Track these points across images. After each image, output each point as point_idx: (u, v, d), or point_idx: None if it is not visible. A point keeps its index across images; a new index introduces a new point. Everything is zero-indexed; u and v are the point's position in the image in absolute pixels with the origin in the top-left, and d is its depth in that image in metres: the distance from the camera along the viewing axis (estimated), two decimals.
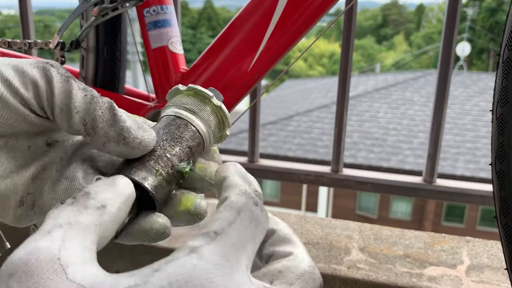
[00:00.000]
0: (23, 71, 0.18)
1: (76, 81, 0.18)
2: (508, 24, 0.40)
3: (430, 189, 0.67)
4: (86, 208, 0.15)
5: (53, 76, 0.18)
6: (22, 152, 0.19)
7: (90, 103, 0.18)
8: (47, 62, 0.18)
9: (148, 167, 0.19)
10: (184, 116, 0.21)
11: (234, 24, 0.48)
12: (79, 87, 0.18)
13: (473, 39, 15.66)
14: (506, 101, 0.41)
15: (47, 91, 0.18)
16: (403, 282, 0.58)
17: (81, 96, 0.18)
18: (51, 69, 0.18)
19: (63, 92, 0.18)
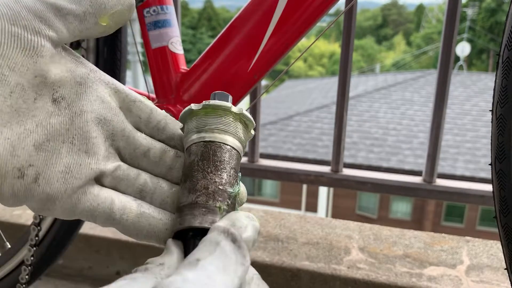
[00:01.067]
0: None
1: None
2: (508, 24, 0.40)
3: (430, 189, 0.67)
4: (163, 270, 0.17)
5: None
6: (27, 105, 0.17)
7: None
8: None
9: (210, 208, 0.18)
10: (215, 139, 0.20)
11: (234, 24, 0.48)
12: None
13: (473, 39, 15.66)
14: (506, 101, 0.41)
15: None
16: (403, 282, 0.58)
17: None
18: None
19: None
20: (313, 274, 0.60)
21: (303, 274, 0.61)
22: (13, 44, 0.17)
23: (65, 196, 0.18)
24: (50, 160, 0.18)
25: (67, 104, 0.19)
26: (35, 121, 0.18)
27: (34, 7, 0.17)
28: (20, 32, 0.17)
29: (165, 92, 0.52)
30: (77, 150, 0.19)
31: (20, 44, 0.17)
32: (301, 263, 0.62)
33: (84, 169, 0.19)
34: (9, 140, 0.17)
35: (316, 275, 0.60)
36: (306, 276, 0.61)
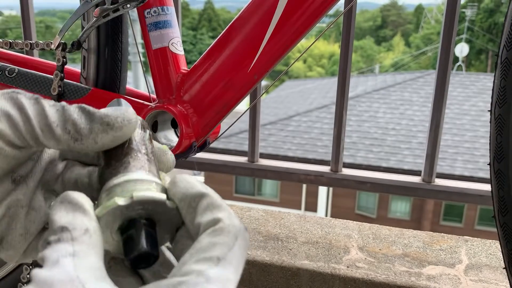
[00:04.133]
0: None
1: (43, 100, 0.19)
2: (506, 25, 0.41)
3: (429, 188, 0.68)
4: (74, 239, 0.16)
5: (23, 102, 0.18)
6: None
7: (63, 113, 0.18)
8: (13, 91, 0.19)
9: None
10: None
11: (235, 25, 0.48)
12: (49, 104, 0.19)
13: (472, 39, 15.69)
14: (504, 102, 0.41)
15: (22, 118, 0.18)
16: (402, 281, 0.58)
17: (54, 111, 0.18)
18: (18, 95, 0.18)
19: (38, 114, 0.18)
20: (313, 273, 0.60)
21: (302, 273, 0.61)
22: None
23: (23, 252, 0.21)
24: (11, 225, 0.20)
25: (23, 178, 0.20)
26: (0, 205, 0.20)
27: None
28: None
29: (165, 92, 0.52)
30: (34, 213, 0.20)
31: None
32: (300, 262, 0.62)
33: (38, 224, 0.21)
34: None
35: (316, 274, 0.60)
36: (306, 275, 0.61)
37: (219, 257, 0.15)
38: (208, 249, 0.16)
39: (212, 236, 0.16)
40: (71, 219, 0.16)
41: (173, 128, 0.53)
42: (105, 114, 0.19)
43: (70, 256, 0.15)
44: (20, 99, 0.18)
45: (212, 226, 0.16)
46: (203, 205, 0.17)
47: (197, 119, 0.51)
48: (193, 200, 0.18)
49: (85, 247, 0.16)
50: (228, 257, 0.16)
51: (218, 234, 0.16)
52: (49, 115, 0.18)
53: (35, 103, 0.18)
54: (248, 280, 0.63)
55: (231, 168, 0.76)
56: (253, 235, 0.69)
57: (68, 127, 0.18)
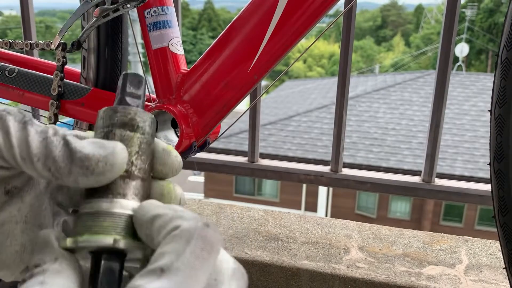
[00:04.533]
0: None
1: (33, 124, 0.18)
2: (506, 25, 0.41)
3: (428, 188, 0.68)
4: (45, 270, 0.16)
5: (10, 126, 0.17)
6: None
7: (46, 146, 0.17)
8: (4, 110, 0.18)
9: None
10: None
11: (235, 25, 0.48)
12: (36, 131, 0.17)
13: (472, 39, 15.69)
14: (505, 102, 0.41)
15: (5, 142, 0.17)
16: (402, 281, 0.58)
17: (38, 141, 0.17)
18: (7, 117, 0.17)
19: (21, 142, 0.17)
20: (313, 273, 0.60)
21: (302, 273, 0.61)
22: None
23: (20, 271, 0.20)
24: (5, 242, 0.19)
25: (18, 190, 0.19)
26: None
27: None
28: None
29: (165, 92, 0.52)
30: (31, 227, 0.20)
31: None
32: (300, 262, 0.62)
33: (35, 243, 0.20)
34: None
35: (316, 274, 0.60)
36: (306, 275, 0.61)
37: (162, 268, 0.14)
38: (154, 261, 0.15)
39: (162, 246, 0.15)
40: (42, 255, 0.16)
41: (173, 128, 0.53)
42: (86, 156, 0.17)
43: (39, 285, 0.15)
44: (7, 122, 0.17)
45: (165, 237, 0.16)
46: (157, 225, 0.16)
47: (197, 119, 0.51)
48: (150, 226, 0.16)
49: (54, 273, 0.16)
50: (175, 266, 0.14)
51: (168, 243, 0.15)
52: (32, 146, 0.17)
53: (22, 129, 0.17)
54: (248, 280, 0.63)
55: (231, 168, 0.76)
56: (253, 235, 0.69)
57: (48, 164, 0.17)
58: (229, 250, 0.65)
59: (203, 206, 0.78)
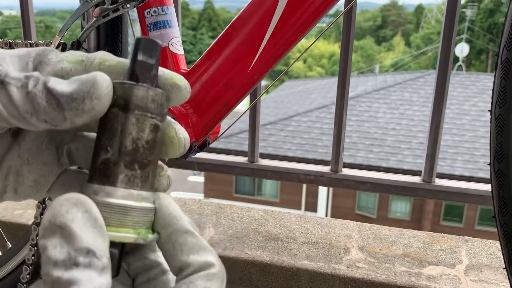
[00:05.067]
0: None
1: (10, 82, 0.17)
2: (506, 25, 0.41)
3: (429, 188, 0.68)
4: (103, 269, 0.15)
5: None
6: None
7: (32, 100, 0.17)
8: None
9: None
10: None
11: (235, 25, 0.48)
12: (16, 87, 0.17)
13: (472, 39, 15.69)
14: (505, 101, 0.41)
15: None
16: (402, 282, 0.58)
17: (23, 97, 0.17)
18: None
19: (7, 104, 0.17)
20: (313, 273, 0.60)
21: (302, 273, 0.61)
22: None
23: (38, 196, 0.21)
24: (17, 180, 0.20)
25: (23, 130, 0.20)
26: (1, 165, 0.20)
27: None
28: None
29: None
30: (36, 167, 0.20)
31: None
32: (300, 262, 0.62)
33: (50, 176, 0.21)
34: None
35: (316, 274, 0.60)
36: (306, 275, 0.61)
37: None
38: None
39: (206, 280, 0.17)
40: (95, 242, 0.15)
41: None
42: (70, 96, 0.16)
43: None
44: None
45: (206, 270, 0.17)
46: (189, 244, 0.17)
47: (197, 119, 0.51)
48: (176, 234, 0.17)
49: (107, 279, 0.15)
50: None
51: (210, 279, 0.17)
52: (18, 105, 0.16)
53: (2, 89, 0.16)
54: (248, 280, 0.63)
55: (231, 168, 0.76)
56: (253, 235, 0.69)
57: (42, 116, 0.17)
58: (229, 250, 0.65)
59: (203, 206, 0.78)
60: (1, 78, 0.17)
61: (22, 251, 0.56)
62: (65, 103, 0.16)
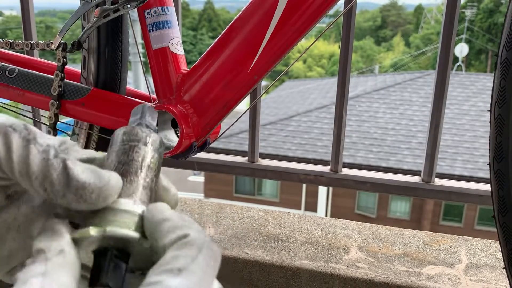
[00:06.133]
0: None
1: (36, 144, 0.18)
2: (506, 25, 0.41)
3: (428, 188, 0.68)
4: (48, 259, 0.16)
5: (12, 142, 0.18)
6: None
7: (46, 166, 0.18)
8: (11, 126, 0.18)
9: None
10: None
11: (235, 25, 0.48)
12: (38, 150, 0.18)
13: (472, 40, 15.70)
14: (504, 102, 0.42)
15: (6, 157, 0.18)
16: (402, 281, 0.58)
17: (38, 160, 0.18)
18: (12, 134, 0.18)
19: (22, 160, 0.18)
20: (313, 273, 0.61)
21: (302, 273, 0.61)
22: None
23: (5, 272, 0.21)
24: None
25: (18, 195, 0.20)
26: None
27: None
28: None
29: (165, 92, 0.52)
30: (22, 236, 0.20)
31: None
32: (300, 262, 0.62)
33: (26, 250, 0.20)
34: None
35: (316, 274, 0.60)
36: (306, 275, 0.61)
37: (180, 268, 0.15)
38: (170, 262, 0.16)
39: (175, 250, 0.16)
40: (48, 242, 0.16)
41: (173, 128, 0.53)
42: (81, 185, 0.18)
43: (40, 276, 0.15)
44: (11, 138, 0.18)
45: (177, 242, 0.17)
46: (165, 228, 0.17)
47: (197, 119, 0.51)
48: (157, 227, 0.18)
49: (57, 266, 0.16)
50: (191, 268, 0.15)
51: (181, 248, 0.16)
52: (31, 165, 0.18)
53: (24, 147, 0.18)
54: (248, 280, 0.63)
55: (231, 168, 0.76)
56: (253, 235, 0.69)
57: (45, 184, 0.18)
58: (229, 249, 0.65)
59: (203, 206, 0.78)
60: (29, 138, 0.18)
61: None
62: (73, 187, 0.18)
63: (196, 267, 0.16)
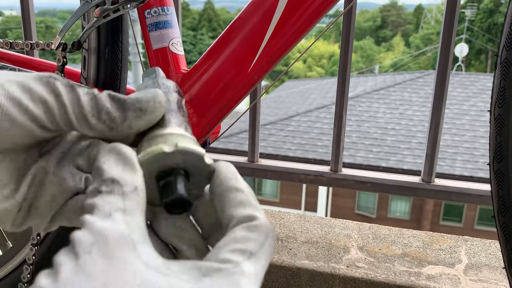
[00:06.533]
0: (29, 88, 0.18)
1: (78, 86, 0.19)
2: (506, 25, 0.41)
3: (428, 188, 0.68)
4: (125, 194, 0.16)
5: (60, 90, 0.18)
6: (18, 165, 0.20)
7: (96, 102, 0.19)
8: (50, 76, 0.19)
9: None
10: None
11: (235, 25, 0.48)
12: (83, 92, 0.19)
13: (472, 40, 15.70)
14: (504, 102, 0.42)
15: (58, 105, 0.18)
16: (402, 281, 0.58)
17: (88, 99, 0.19)
18: (56, 82, 0.18)
19: (73, 102, 0.18)
20: (313, 273, 0.61)
21: (302, 273, 0.61)
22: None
23: (50, 220, 0.21)
24: (37, 192, 0.21)
25: (49, 151, 0.21)
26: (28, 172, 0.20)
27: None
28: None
29: None
30: (57, 179, 0.21)
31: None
32: (300, 262, 0.62)
33: (65, 194, 0.21)
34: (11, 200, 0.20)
35: (316, 274, 0.60)
36: (306, 275, 0.61)
37: (251, 252, 0.16)
38: (242, 242, 0.16)
39: (247, 231, 0.17)
40: (121, 173, 0.17)
41: None
42: (137, 100, 0.19)
43: (121, 212, 0.15)
44: (57, 86, 0.18)
45: (248, 222, 0.17)
46: (237, 199, 0.18)
47: (197, 119, 0.51)
48: (228, 191, 0.18)
49: (134, 204, 0.16)
50: (259, 254, 0.16)
51: (253, 230, 0.17)
52: (84, 105, 0.18)
53: (71, 91, 0.18)
54: None
55: None
56: None
57: (102, 117, 0.19)
58: None
59: None
60: (71, 84, 0.19)
61: (23, 250, 0.56)
62: (130, 105, 0.19)
63: (263, 254, 0.16)
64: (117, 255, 0.14)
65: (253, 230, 0.17)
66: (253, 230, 0.17)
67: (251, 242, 0.16)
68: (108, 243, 0.14)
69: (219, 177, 0.19)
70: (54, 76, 0.19)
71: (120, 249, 0.14)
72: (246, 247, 0.16)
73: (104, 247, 0.14)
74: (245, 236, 0.16)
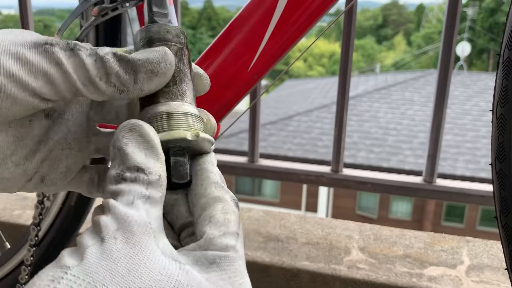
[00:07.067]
0: (26, 60, 0.16)
1: (80, 48, 0.17)
2: (508, 24, 0.40)
3: (430, 189, 0.67)
4: (150, 184, 0.16)
5: (60, 57, 0.17)
6: (23, 129, 0.19)
7: (103, 64, 0.17)
8: (46, 43, 0.17)
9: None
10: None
11: (234, 24, 0.48)
12: (85, 54, 0.17)
13: (473, 39, 15.67)
14: (506, 101, 0.41)
15: (60, 74, 0.17)
16: (403, 282, 0.58)
17: (93, 62, 0.17)
18: (53, 49, 0.17)
19: (77, 67, 0.17)
20: (313, 274, 0.60)
21: (303, 274, 0.61)
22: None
23: (65, 185, 0.21)
24: (52, 166, 0.20)
25: (58, 114, 0.20)
26: (36, 140, 0.19)
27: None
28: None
29: None
30: (75, 152, 0.21)
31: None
32: (301, 263, 0.62)
33: (80, 164, 0.21)
34: (18, 166, 0.19)
35: (316, 275, 0.60)
36: (306, 276, 0.61)
37: (238, 233, 0.17)
38: (226, 225, 0.17)
39: (224, 213, 0.17)
40: (145, 160, 0.17)
41: None
42: (147, 61, 0.18)
43: (145, 201, 0.16)
44: (56, 53, 0.17)
45: (219, 203, 0.18)
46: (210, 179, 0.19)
47: None
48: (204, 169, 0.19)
49: (156, 194, 0.16)
50: (240, 233, 0.17)
51: (227, 212, 0.17)
52: (89, 69, 0.17)
53: (72, 55, 0.17)
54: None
55: (231, 168, 0.76)
56: (253, 235, 0.68)
57: (112, 80, 0.17)
58: None
59: None
60: (71, 46, 0.17)
61: (21, 251, 0.56)
62: (140, 66, 0.18)
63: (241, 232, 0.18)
64: (140, 242, 0.14)
65: (227, 211, 0.17)
66: (227, 211, 0.17)
67: (232, 224, 0.17)
68: (132, 230, 0.14)
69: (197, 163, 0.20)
70: (51, 41, 0.17)
71: (142, 237, 0.14)
72: (232, 229, 0.17)
73: (128, 233, 0.14)
74: (226, 219, 0.17)
